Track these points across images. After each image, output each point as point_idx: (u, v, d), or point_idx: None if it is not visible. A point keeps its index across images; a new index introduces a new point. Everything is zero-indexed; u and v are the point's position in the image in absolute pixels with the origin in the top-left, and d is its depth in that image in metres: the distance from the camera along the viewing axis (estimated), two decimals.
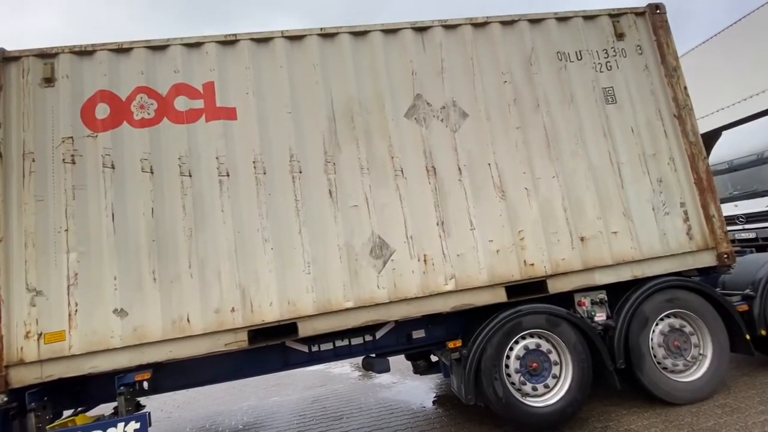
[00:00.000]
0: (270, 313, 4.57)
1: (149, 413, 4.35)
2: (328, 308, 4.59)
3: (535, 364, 4.80)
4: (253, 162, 4.74)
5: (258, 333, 4.63)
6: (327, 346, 4.93)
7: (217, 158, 4.71)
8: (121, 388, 4.35)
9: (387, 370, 5.05)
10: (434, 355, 5.44)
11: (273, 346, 4.71)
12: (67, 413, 4.50)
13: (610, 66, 5.56)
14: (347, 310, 4.63)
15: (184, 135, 4.65)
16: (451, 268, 4.78)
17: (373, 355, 5.09)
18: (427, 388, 6.73)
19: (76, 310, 4.34)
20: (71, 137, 4.53)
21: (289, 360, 4.92)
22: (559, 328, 4.89)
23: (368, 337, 5.02)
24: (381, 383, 7.22)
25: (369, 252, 4.71)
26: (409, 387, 6.92)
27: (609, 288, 5.16)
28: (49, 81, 4.60)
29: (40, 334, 4.26)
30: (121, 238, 4.48)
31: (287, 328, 4.63)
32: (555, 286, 4.98)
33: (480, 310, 4.90)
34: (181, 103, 4.76)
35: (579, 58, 5.51)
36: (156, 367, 4.51)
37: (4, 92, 4.47)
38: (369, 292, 4.67)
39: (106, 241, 4.44)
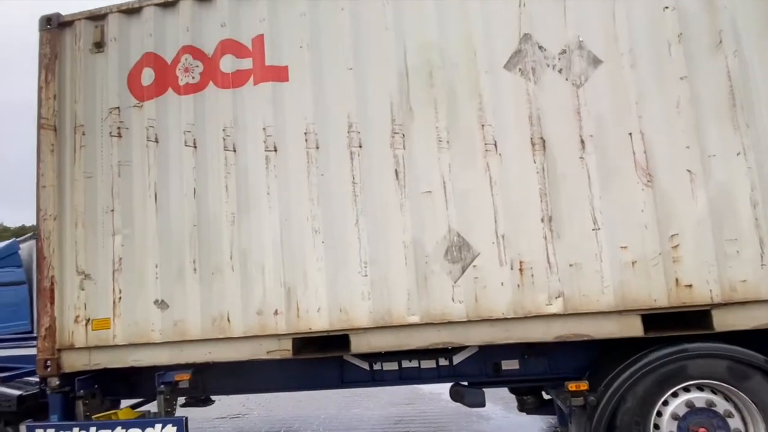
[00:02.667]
0: (318, 320, 3.40)
1: (186, 418, 3.71)
2: (387, 321, 3.31)
3: (702, 430, 3.06)
4: (305, 134, 3.49)
5: (304, 342, 3.79)
6: (391, 366, 3.65)
7: (264, 129, 3.54)
8: (161, 386, 3.64)
9: (481, 404, 3.65)
10: (547, 393, 4.04)
11: (328, 359, 3.62)
12: (125, 403, 4.28)
13: None
14: (411, 326, 3.27)
15: (230, 101, 3.60)
16: (558, 283, 3.15)
17: (465, 384, 3.73)
18: (538, 430, 5.14)
19: (120, 298, 3.87)
20: (118, 108, 3.73)
21: (345, 377, 3.76)
22: (748, 382, 3.02)
23: (443, 361, 3.60)
24: (479, 413, 5.62)
25: (444, 254, 3.28)
26: (513, 423, 5.35)
27: None
28: (99, 46, 3.89)
29: (88, 320, 3.91)
30: (164, 221, 3.61)
31: (338, 341, 3.67)
32: (725, 321, 3.02)
33: (615, 343, 3.22)
34: (227, 64, 3.63)
35: None
36: (202, 368, 3.92)
37: (59, 61, 3.99)
38: (441, 306, 3.27)
39: (148, 223, 3.61)
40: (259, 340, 3.52)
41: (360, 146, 3.46)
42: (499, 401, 5.65)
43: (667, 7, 3.22)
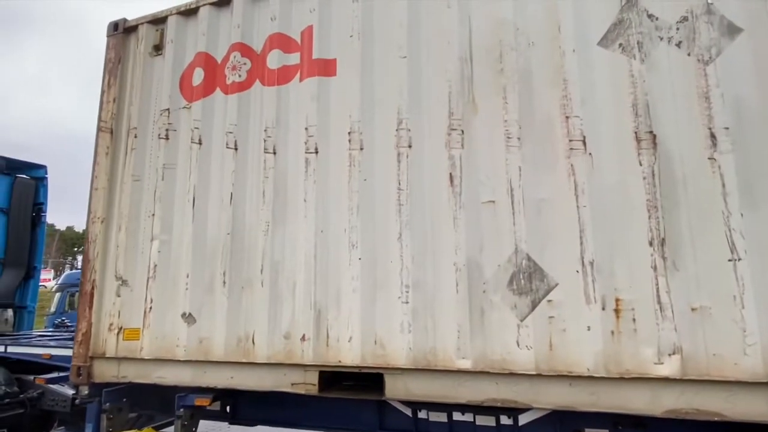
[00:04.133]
0: (349, 352, 2.70)
1: None
2: (430, 363, 2.51)
3: None
4: (349, 133, 2.91)
5: (332, 377, 3.12)
6: (439, 417, 2.80)
7: (306, 129, 3.02)
8: (181, 410, 3.11)
9: None
10: None
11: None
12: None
13: None
14: (461, 372, 2.45)
15: (274, 100, 3.16)
16: (674, 334, 2.14)
17: None
18: None
19: (151, 308, 3.56)
20: (168, 109, 3.45)
21: (384, 422, 2.99)
22: None
23: (505, 419, 2.68)
24: None
25: (508, 282, 2.44)
26: None
27: None
28: (158, 49, 3.66)
29: (120, 329, 3.61)
30: (199, 228, 3.19)
31: (371, 380, 2.98)
32: None
33: (755, 426, 2.09)
34: (274, 59, 3.20)
35: None
36: (231, 392, 3.49)
37: (122, 65, 3.86)
38: (501, 351, 2.40)
39: (185, 230, 3.21)
40: (284, 369, 2.91)
41: (409, 146, 2.81)
42: None
43: None
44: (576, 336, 2.31)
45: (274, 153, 3.15)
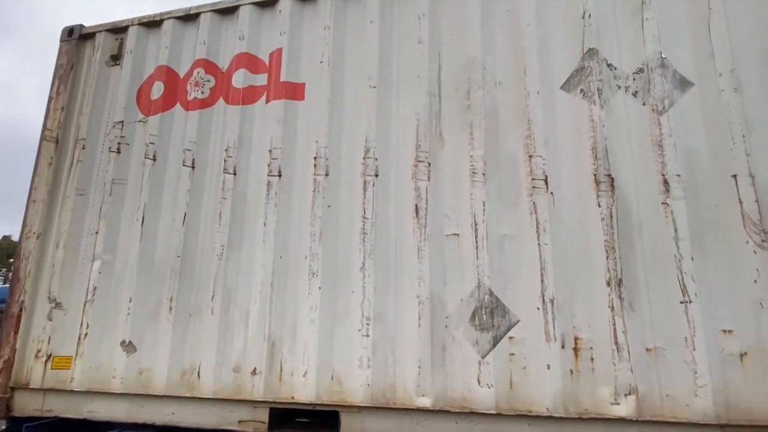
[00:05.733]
0: (303, 387, 2.55)
1: None
2: (389, 401, 2.42)
3: None
4: (315, 158, 2.85)
5: (284, 414, 2.97)
6: None
7: (270, 151, 2.94)
8: None
9: None
10: None
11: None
12: None
13: None
14: (421, 411, 2.38)
15: (237, 119, 3.08)
16: (629, 374, 2.18)
17: None
18: None
19: (86, 334, 3.27)
20: (122, 122, 3.28)
21: None
22: None
23: None
24: None
25: (470, 317, 2.42)
26: None
27: None
28: (115, 58, 3.50)
29: (49, 356, 3.31)
30: (147, 249, 3.01)
31: (326, 417, 2.85)
32: None
33: None
34: (240, 79, 3.13)
35: None
36: (169, 430, 3.21)
37: (74, 72, 3.64)
38: (462, 389, 2.35)
39: (131, 250, 3.01)
40: (231, 405, 2.73)
41: (376, 175, 2.79)
42: None
43: None
44: (536, 374, 2.30)
45: (234, 174, 3.05)
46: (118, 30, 3.57)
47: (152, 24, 3.50)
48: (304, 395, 2.59)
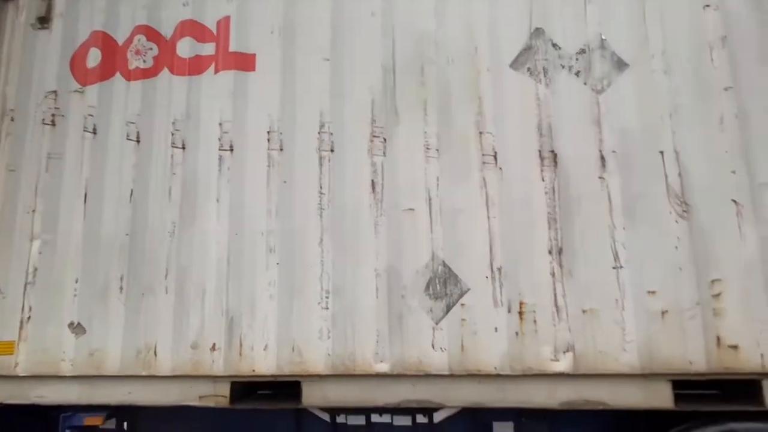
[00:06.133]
0: (263, 360, 2.61)
1: None
2: (349, 368, 2.54)
3: None
4: (268, 132, 2.82)
5: (245, 388, 3.05)
6: (357, 420, 2.85)
7: (220, 125, 2.87)
8: (67, 431, 2.93)
9: None
10: None
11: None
12: None
13: None
14: (379, 376, 2.52)
15: (184, 91, 2.96)
16: (568, 333, 2.41)
17: None
18: None
19: (29, 317, 3.11)
20: (55, 91, 3.07)
21: (303, 429, 2.94)
22: None
23: (421, 418, 2.80)
24: None
25: (424, 287, 2.57)
26: None
27: None
28: (43, 21, 3.17)
29: None
30: (92, 228, 2.90)
31: (287, 389, 2.67)
32: None
33: (635, 413, 2.47)
34: (185, 48, 3.01)
35: None
36: (129, 410, 2.99)
37: None
38: (418, 354, 2.50)
39: (74, 229, 2.90)
40: (192, 381, 2.75)
41: (332, 150, 2.81)
42: None
43: (708, 5, 2.62)
44: (485, 337, 2.49)
45: (183, 148, 2.96)
46: None
47: None
48: (265, 368, 2.65)
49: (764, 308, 2.34)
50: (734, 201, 2.42)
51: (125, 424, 3.11)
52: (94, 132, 3.05)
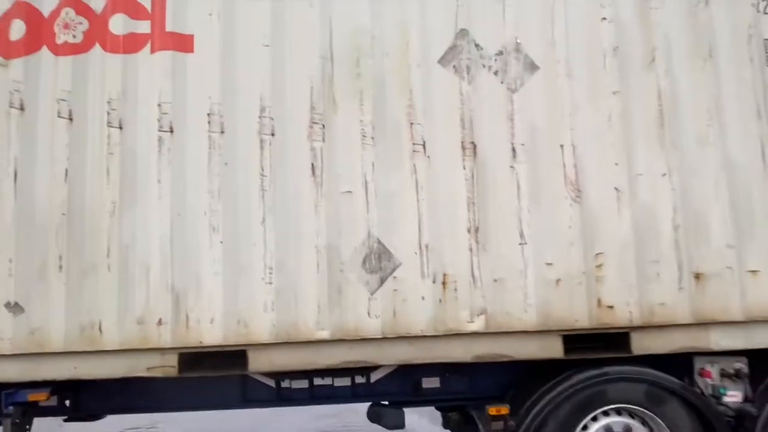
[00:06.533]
0: (210, 333, 2.81)
1: None
2: (293, 336, 2.81)
3: None
4: (208, 115, 2.89)
5: (193, 358, 3.25)
6: (300, 384, 3.13)
7: (159, 106, 2.90)
8: (9, 408, 2.85)
9: (401, 426, 3.28)
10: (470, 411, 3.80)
11: (230, 375, 3.04)
12: None
13: None
14: (320, 342, 2.82)
15: (119, 69, 2.93)
16: (481, 299, 2.86)
17: (386, 403, 3.36)
18: None
19: None
20: None
21: (249, 395, 3.21)
22: (664, 406, 2.89)
23: (360, 379, 3.16)
24: (409, 425, 5.40)
25: (361, 262, 2.87)
26: None
27: (756, 355, 3.01)
28: None
29: None
30: (25, 207, 2.85)
31: (233, 357, 2.89)
32: (643, 344, 2.89)
33: (539, 364, 3.02)
34: (119, 24, 2.95)
35: None
36: (74, 384, 3.05)
37: None
38: (355, 321, 2.83)
39: (4, 209, 2.84)
40: (139, 354, 2.90)
41: (272, 134, 2.97)
42: (425, 414, 5.32)
43: (605, 18, 3.05)
44: (414, 304, 2.87)
45: (121, 128, 2.98)
46: None
47: None
48: (212, 339, 2.86)
49: (633, 275, 2.92)
50: (616, 188, 2.94)
51: (67, 402, 3.17)
52: (22, 108, 2.96)
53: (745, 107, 3.03)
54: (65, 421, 3.51)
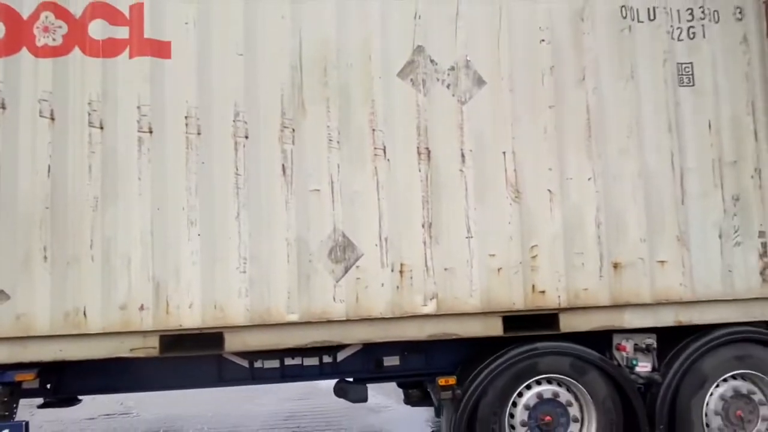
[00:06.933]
0: (189, 317, 3.10)
1: (26, 423, 3.27)
2: (265, 319, 3.14)
3: (548, 418, 3.39)
4: (186, 117, 3.15)
5: (173, 340, 3.53)
6: (272, 364, 3.46)
7: (138, 108, 3.13)
8: None
9: (364, 399, 3.69)
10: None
11: (205, 356, 3.35)
12: None
13: (694, 33, 3.58)
14: (290, 324, 3.16)
15: (99, 72, 3.13)
16: (433, 286, 3.27)
17: (351, 380, 3.73)
18: (423, 420, 5.18)
19: None
20: None
21: (224, 375, 3.52)
22: (586, 376, 3.40)
23: (327, 358, 3.51)
24: (370, 406, 5.50)
25: (328, 253, 3.22)
26: (401, 415, 5.38)
27: (663, 332, 3.55)
28: None
29: None
30: (7, 201, 3.03)
31: (211, 339, 3.17)
32: (569, 323, 3.38)
33: (483, 341, 3.44)
34: (98, 29, 3.14)
35: (651, 17, 3.53)
36: (51, 366, 3.24)
37: None
38: (322, 305, 3.20)
39: None
40: (122, 337, 3.15)
41: (246, 137, 3.25)
42: (393, 395, 5.71)
43: (543, 40, 3.48)
44: (374, 290, 3.26)
45: (102, 128, 3.20)
46: None
47: None
48: (190, 323, 3.17)
49: (562, 265, 3.41)
50: (549, 190, 3.41)
51: (48, 385, 3.40)
52: (3, 107, 3.12)
53: (659, 123, 3.53)
54: (39, 407, 3.73)
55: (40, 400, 3.62)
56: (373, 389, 3.89)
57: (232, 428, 5.30)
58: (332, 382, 3.77)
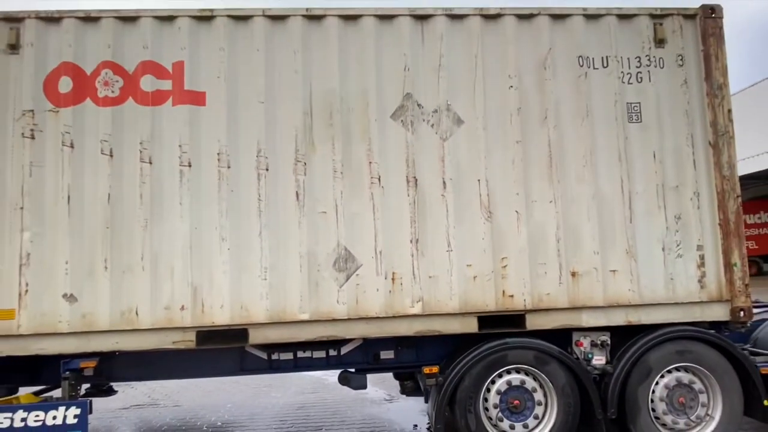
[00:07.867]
0: (220, 315, 3.86)
1: (90, 401, 3.90)
2: (282, 318, 3.88)
3: (516, 402, 4.05)
4: (218, 154, 3.90)
5: (207, 335, 4.27)
6: (287, 356, 4.20)
7: (180, 146, 3.88)
8: (66, 373, 3.84)
9: (363, 387, 4.40)
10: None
11: (229, 349, 4.11)
12: (23, 391, 4.38)
13: (641, 77, 4.25)
14: (302, 322, 3.88)
15: (148, 118, 3.89)
16: (419, 291, 3.97)
17: (353, 371, 4.42)
18: (419, 410, 5.73)
19: (27, 291, 3.85)
20: (32, 110, 3.81)
21: (245, 366, 4.26)
22: (548, 366, 4.05)
23: (332, 352, 4.24)
24: (371, 398, 6.35)
25: (332, 264, 3.94)
26: (400, 406, 6.03)
27: (617, 330, 4.20)
28: (13, 48, 3.80)
29: None
30: (76, 222, 3.80)
31: (238, 334, 3.91)
32: (534, 322, 4.06)
33: (464, 337, 4.13)
34: (147, 83, 3.91)
35: (605, 65, 4.23)
36: (106, 356, 4.02)
37: None
38: (328, 306, 3.92)
39: (60, 223, 3.79)
40: (166, 332, 3.93)
41: (267, 169, 4.03)
42: (392, 389, 6.29)
43: (511, 86, 4.20)
44: (371, 295, 3.99)
45: (150, 163, 3.97)
46: (12, 20, 3.92)
47: (50, 19, 3.95)
48: (221, 320, 3.93)
49: (527, 273, 4.11)
50: (516, 211, 4.12)
51: (102, 371, 4.18)
52: (72, 146, 3.91)
53: (611, 154, 4.23)
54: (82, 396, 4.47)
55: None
56: (374, 384, 4.58)
57: (250, 417, 6.04)
58: (336, 381, 4.48)
